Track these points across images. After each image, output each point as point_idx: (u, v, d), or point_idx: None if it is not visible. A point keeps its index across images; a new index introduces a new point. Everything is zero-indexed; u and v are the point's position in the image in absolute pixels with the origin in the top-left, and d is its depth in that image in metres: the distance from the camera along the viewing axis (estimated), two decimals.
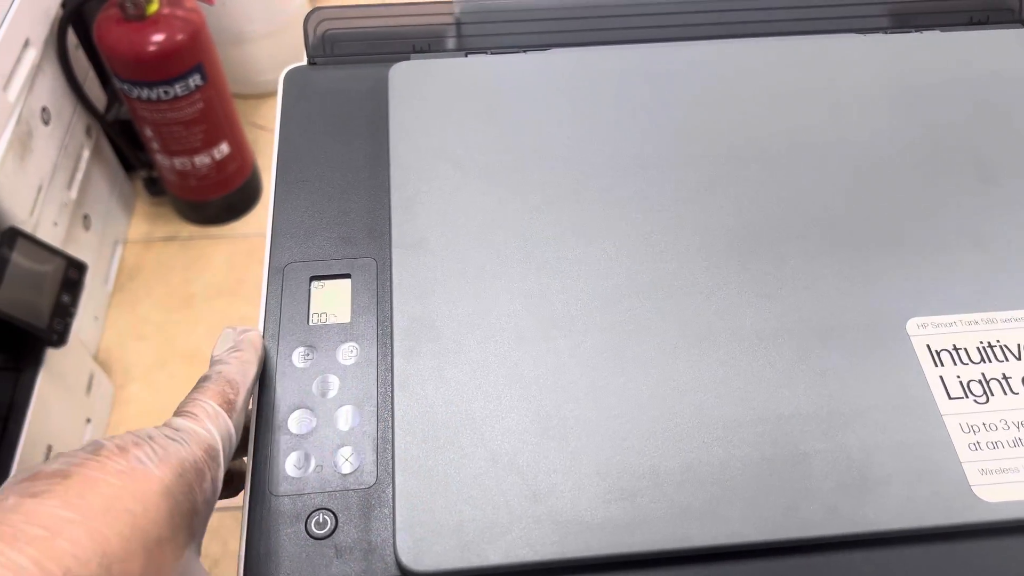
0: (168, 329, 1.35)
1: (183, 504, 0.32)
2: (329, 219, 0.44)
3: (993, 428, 0.37)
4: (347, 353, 0.40)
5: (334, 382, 0.39)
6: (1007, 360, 0.39)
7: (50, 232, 1.17)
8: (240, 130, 1.37)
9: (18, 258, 1.05)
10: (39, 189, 1.14)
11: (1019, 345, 0.39)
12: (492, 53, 0.50)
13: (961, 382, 0.38)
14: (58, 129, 1.20)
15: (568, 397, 0.37)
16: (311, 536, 0.35)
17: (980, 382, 0.38)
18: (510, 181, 0.44)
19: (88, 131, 1.30)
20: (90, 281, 1.25)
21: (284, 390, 0.39)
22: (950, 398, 0.38)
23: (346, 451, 0.37)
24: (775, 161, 0.45)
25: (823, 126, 0.47)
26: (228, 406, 0.36)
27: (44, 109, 1.16)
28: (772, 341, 0.39)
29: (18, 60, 1.10)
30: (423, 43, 0.50)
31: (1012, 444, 0.36)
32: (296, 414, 0.38)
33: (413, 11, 0.50)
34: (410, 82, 0.48)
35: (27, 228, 1.09)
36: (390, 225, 0.43)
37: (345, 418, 0.38)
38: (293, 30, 1.55)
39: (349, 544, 0.35)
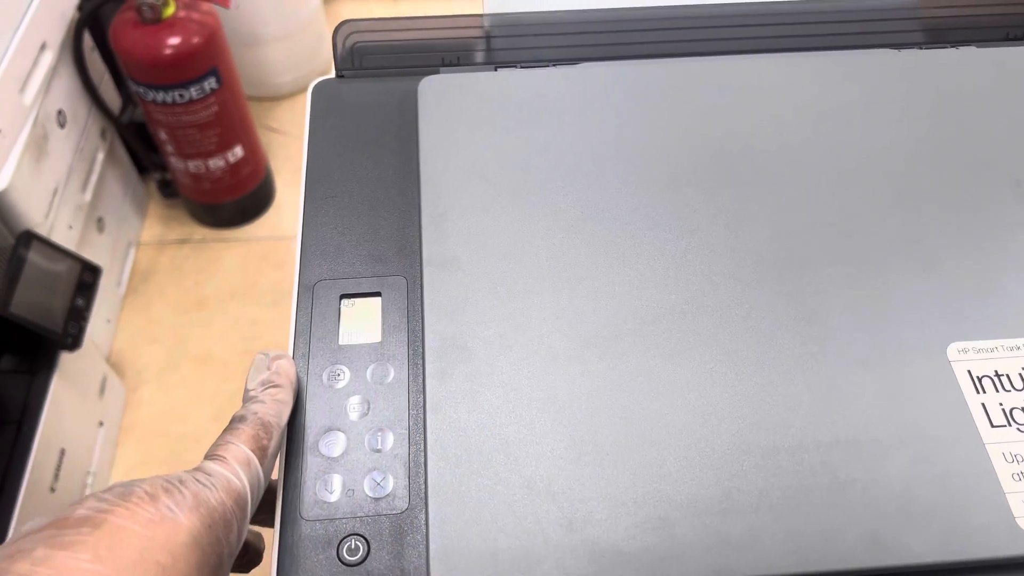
0: (180, 332, 1.35)
1: (211, 556, 0.31)
2: (359, 236, 0.44)
3: None
4: (378, 374, 0.39)
5: (365, 403, 0.39)
6: None
7: (65, 235, 1.17)
8: (254, 133, 1.37)
9: (33, 261, 1.05)
10: (54, 192, 1.14)
11: None
12: (522, 67, 0.49)
13: (1004, 409, 0.37)
14: (73, 132, 1.20)
15: (603, 422, 0.37)
16: (343, 562, 0.35)
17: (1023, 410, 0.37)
18: (542, 198, 0.44)
19: (103, 134, 1.30)
20: (103, 284, 1.25)
21: (315, 411, 0.38)
22: (992, 426, 0.37)
23: (378, 475, 0.37)
24: (811, 180, 0.45)
25: (859, 143, 0.46)
26: (261, 452, 0.35)
27: (60, 112, 1.16)
28: (810, 366, 0.38)
29: (35, 63, 1.10)
30: (452, 56, 0.50)
31: None
32: (327, 436, 0.38)
33: (442, 24, 0.50)
34: (440, 96, 0.47)
35: (42, 231, 1.09)
36: (420, 242, 0.42)
37: (377, 441, 0.38)
38: (307, 33, 1.55)
39: (381, 571, 0.34)
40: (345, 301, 0.42)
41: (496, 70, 0.49)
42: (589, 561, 0.34)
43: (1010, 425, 0.37)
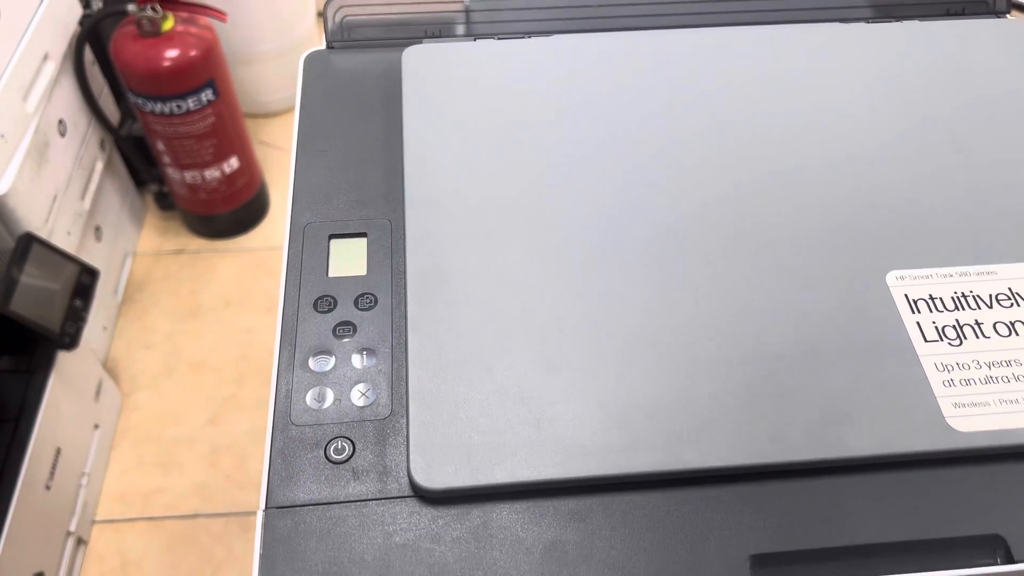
0: (175, 339, 1.38)
1: None
2: (347, 185, 0.47)
3: (966, 367, 0.40)
4: (364, 302, 0.43)
5: (351, 327, 0.42)
6: (979, 308, 0.42)
7: (63, 241, 1.20)
8: (249, 145, 1.40)
9: (33, 262, 1.08)
10: (54, 198, 1.18)
11: (991, 295, 0.42)
12: (499, 38, 0.53)
13: (936, 327, 0.41)
14: (73, 141, 1.24)
15: (570, 336, 0.40)
16: (330, 461, 0.38)
17: (954, 327, 0.41)
18: (514, 149, 0.47)
19: (102, 145, 1.34)
20: (100, 292, 1.28)
21: (305, 334, 0.42)
22: (926, 341, 0.40)
23: (362, 387, 0.40)
24: (766, 135, 0.48)
25: (812, 105, 0.50)
26: None
27: (61, 121, 1.20)
28: (761, 290, 0.42)
29: (38, 72, 1.14)
30: (434, 29, 0.54)
31: (983, 381, 0.39)
32: (316, 355, 0.41)
33: (425, 0, 0.54)
34: (422, 63, 0.51)
35: (42, 235, 1.12)
36: (403, 188, 0.46)
37: (362, 358, 0.41)
38: (301, 51, 1.60)
39: (365, 467, 0.38)
40: (334, 240, 0.45)
41: (475, 40, 0.53)
42: (554, 454, 0.37)
43: (942, 340, 0.41)
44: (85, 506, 1.18)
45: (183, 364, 1.35)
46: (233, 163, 1.36)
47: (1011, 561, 0.36)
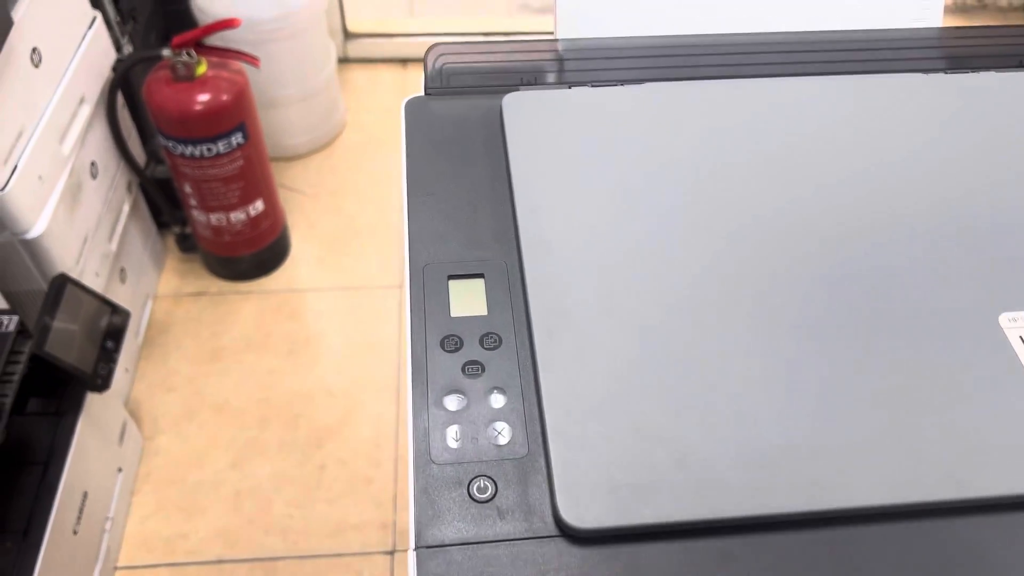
0: (197, 381, 1.37)
1: None
2: (458, 226, 0.48)
3: None
4: (488, 341, 0.43)
5: (480, 367, 0.42)
6: None
7: (92, 282, 1.20)
8: (274, 188, 1.41)
9: (66, 304, 1.08)
10: (85, 239, 1.18)
11: None
12: (593, 86, 0.55)
13: None
14: (104, 183, 1.24)
15: (700, 376, 0.41)
16: (474, 500, 0.38)
17: None
18: (619, 192, 0.49)
19: (128, 188, 1.34)
20: None
21: (435, 374, 0.42)
22: None
23: (498, 426, 0.40)
24: (869, 182, 0.50)
25: (907, 148, 0.52)
26: None
27: (93, 163, 1.21)
28: (884, 335, 0.43)
29: (74, 116, 1.15)
30: (529, 77, 0.55)
31: None
32: (448, 394, 0.41)
33: (520, 48, 0.55)
34: (523, 109, 0.52)
35: (73, 276, 1.12)
36: (516, 231, 0.47)
37: (494, 397, 0.41)
38: (322, 97, 1.62)
39: (510, 506, 0.38)
40: (452, 281, 0.46)
41: (570, 88, 0.55)
42: (698, 492, 0.37)
43: None
44: (108, 552, 1.17)
45: (205, 407, 1.34)
46: (258, 206, 1.37)
47: None
